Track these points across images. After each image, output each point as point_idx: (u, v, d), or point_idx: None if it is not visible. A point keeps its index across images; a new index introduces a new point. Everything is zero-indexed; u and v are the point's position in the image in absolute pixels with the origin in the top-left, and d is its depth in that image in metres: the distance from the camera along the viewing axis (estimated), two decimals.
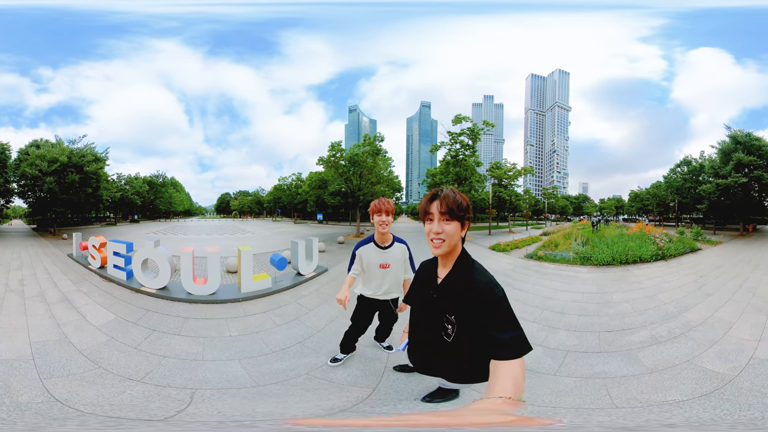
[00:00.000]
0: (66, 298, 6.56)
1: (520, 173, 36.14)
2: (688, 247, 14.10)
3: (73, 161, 23.76)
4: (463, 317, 1.70)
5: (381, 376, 3.67)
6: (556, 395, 3.34)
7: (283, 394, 3.36)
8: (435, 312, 1.83)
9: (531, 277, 9.22)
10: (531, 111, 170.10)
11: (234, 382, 3.57)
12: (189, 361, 4.03)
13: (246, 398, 3.26)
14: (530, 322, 5.46)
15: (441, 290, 1.81)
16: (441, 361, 1.91)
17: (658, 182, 43.75)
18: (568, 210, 75.53)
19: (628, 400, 3.22)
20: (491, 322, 1.56)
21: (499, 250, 14.77)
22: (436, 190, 1.76)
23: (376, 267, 3.43)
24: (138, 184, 46.53)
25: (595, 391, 3.39)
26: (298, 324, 5.34)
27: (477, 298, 1.62)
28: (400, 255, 3.44)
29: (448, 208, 1.67)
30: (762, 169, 23.32)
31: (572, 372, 3.83)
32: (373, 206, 3.24)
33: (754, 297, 6.84)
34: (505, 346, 1.48)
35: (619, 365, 3.96)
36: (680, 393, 3.31)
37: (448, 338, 1.76)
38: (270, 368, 3.89)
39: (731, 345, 4.46)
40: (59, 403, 3.06)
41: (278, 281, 7.59)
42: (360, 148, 25.90)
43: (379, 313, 3.75)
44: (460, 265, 1.76)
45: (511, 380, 1.37)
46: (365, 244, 3.46)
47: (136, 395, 3.26)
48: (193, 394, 3.29)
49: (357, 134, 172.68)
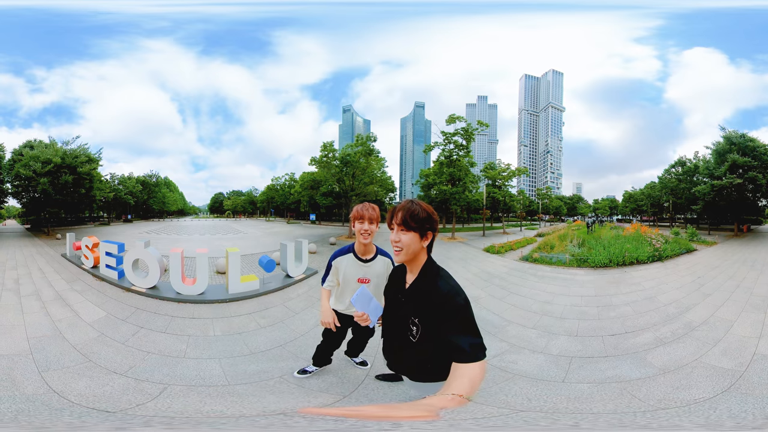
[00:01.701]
0: (60, 296, 6.80)
1: (514, 174, 36.22)
2: (684, 248, 14.17)
3: (66, 162, 23.86)
4: (426, 321, 1.81)
5: (359, 385, 3.63)
6: (575, 401, 3.30)
7: (245, 394, 3.41)
8: (402, 314, 1.95)
9: (527, 280, 9.24)
10: (525, 111, 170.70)
11: (208, 380, 3.71)
12: (171, 358, 4.24)
13: (210, 396, 3.37)
14: (529, 329, 5.45)
15: (407, 294, 1.93)
16: (407, 359, 2.07)
17: (652, 182, 43.88)
18: (562, 210, 75.84)
19: (660, 401, 3.20)
20: (452, 328, 1.66)
21: (494, 252, 14.67)
22: (402, 202, 1.92)
23: (353, 281, 3.02)
24: (131, 183, 46.46)
25: (617, 396, 3.35)
26: (282, 327, 5.45)
27: (440, 305, 1.72)
28: (383, 270, 3.01)
29: (403, 219, 1.82)
30: (756, 170, 23.51)
31: (583, 378, 3.81)
32: (355, 212, 2.83)
33: (752, 296, 7.03)
34: (463, 351, 1.58)
35: (630, 368, 3.96)
36: (703, 391, 3.36)
37: (414, 339, 1.87)
38: (245, 369, 3.98)
39: (734, 343, 4.60)
40: (56, 394, 3.31)
41: (266, 283, 7.71)
42: (353, 148, 26.06)
43: (353, 327, 3.41)
44: (424, 273, 1.88)
45: (468, 380, 1.47)
46: (343, 254, 3.08)
47: (117, 388, 3.47)
48: (164, 389, 3.46)
49: (351, 134, 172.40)
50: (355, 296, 2.24)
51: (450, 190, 25.71)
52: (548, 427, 1.33)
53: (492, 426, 1.26)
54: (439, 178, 26.68)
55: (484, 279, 9.35)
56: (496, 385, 3.65)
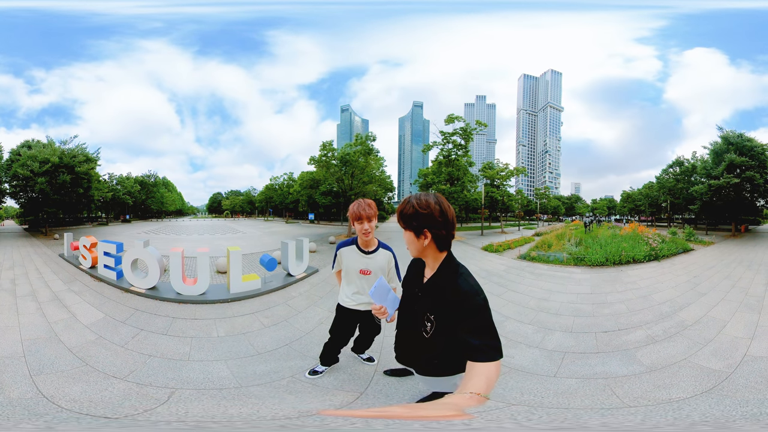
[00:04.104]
0: (57, 297, 6.68)
1: (512, 173, 36.28)
2: (681, 248, 14.18)
3: (64, 162, 23.75)
4: (442, 318, 1.79)
5: (369, 381, 3.61)
6: (561, 396, 3.34)
7: (263, 395, 3.35)
8: (417, 309, 1.94)
9: (525, 278, 9.26)
10: (523, 111, 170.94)
11: (217, 382, 3.61)
12: (174, 361, 4.10)
13: (225, 399, 3.28)
14: (526, 324, 5.47)
15: (425, 289, 1.91)
16: (416, 353, 2.06)
17: (650, 183, 44.12)
18: (560, 210, 76.07)
19: (636, 399, 3.23)
20: (470, 327, 1.64)
21: (492, 251, 14.76)
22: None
23: (355, 272, 3.15)
24: (129, 184, 46.34)
25: (599, 391, 3.41)
26: (287, 326, 5.36)
27: (458, 304, 1.71)
28: (384, 263, 3.13)
29: (398, 218, 1.85)
30: (754, 170, 23.51)
31: (573, 373, 3.85)
32: (353, 213, 2.88)
33: (746, 296, 6.98)
34: (480, 351, 1.57)
35: (618, 365, 4.00)
36: (683, 391, 3.37)
37: (427, 335, 1.87)
38: (254, 370, 3.89)
39: (726, 343, 4.56)
40: (45, 399, 3.17)
41: (268, 282, 7.62)
42: (352, 147, 26.03)
43: (360, 324, 3.50)
44: (443, 269, 1.84)
45: (484, 379, 1.48)
46: (347, 245, 3.19)
47: (117, 393, 3.33)
48: (171, 394, 3.34)
49: (349, 134, 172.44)
50: (373, 289, 2.23)
51: (448, 190, 25.73)
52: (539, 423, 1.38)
53: (491, 419, 1.29)
54: (437, 177, 26.71)
55: (483, 277, 9.33)
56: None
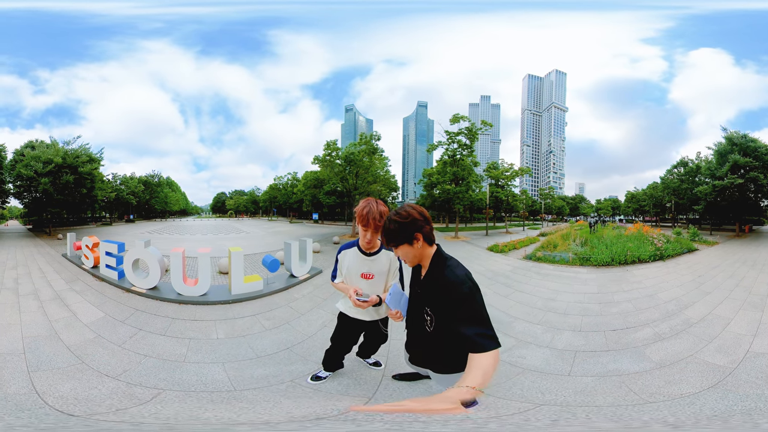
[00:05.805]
0: (58, 296, 6.65)
1: (516, 173, 36.15)
2: (686, 248, 14.20)
3: (67, 162, 23.79)
4: (437, 311, 1.86)
5: (378, 386, 3.49)
6: (581, 394, 3.37)
7: (256, 400, 3.25)
8: (419, 306, 2.03)
9: (531, 278, 9.21)
10: (528, 111, 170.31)
11: (210, 385, 3.52)
12: (170, 362, 4.03)
13: (213, 402, 3.19)
14: (534, 324, 5.50)
15: (422, 286, 1.99)
16: (424, 350, 2.09)
17: (654, 183, 44.12)
18: (565, 210, 75.66)
19: (652, 395, 3.30)
20: (460, 317, 1.67)
21: (498, 251, 14.75)
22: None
23: (357, 276, 2.93)
24: (133, 184, 46.48)
25: (616, 388, 3.46)
26: (289, 328, 5.25)
27: (446, 294, 1.75)
28: (386, 265, 2.94)
29: (388, 242, 1.97)
30: (758, 171, 23.44)
31: (586, 371, 3.89)
32: (361, 215, 2.64)
33: (750, 295, 7.03)
34: (471, 341, 1.59)
35: (629, 362, 4.07)
36: (692, 386, 3.46)
37: (429, 329, 1.93)
38: (252, 373, 3.80)
39: (729, 340, 4.65)
40: (36, 394, 3.20)
41: (270, 283, 7.51)
42: (356, 147, 26.01)
43: (365, 332, 3.33)
44: (434, 263, 1.93)
45: (480, 371, 1.48)
46: (348, 248, 3.02)
47: (104, 391, 3.31)
48: (156, 395, 3.27)
49: (353, 133, 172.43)
50: (389, 296, 2.28)
51: (453, 190, 25.61)
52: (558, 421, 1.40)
53: (526, 420, 1.30)
54: (442, 177, 26.60)
55: (489, 277, 9.25)
56: (510, 380, 3.68)
